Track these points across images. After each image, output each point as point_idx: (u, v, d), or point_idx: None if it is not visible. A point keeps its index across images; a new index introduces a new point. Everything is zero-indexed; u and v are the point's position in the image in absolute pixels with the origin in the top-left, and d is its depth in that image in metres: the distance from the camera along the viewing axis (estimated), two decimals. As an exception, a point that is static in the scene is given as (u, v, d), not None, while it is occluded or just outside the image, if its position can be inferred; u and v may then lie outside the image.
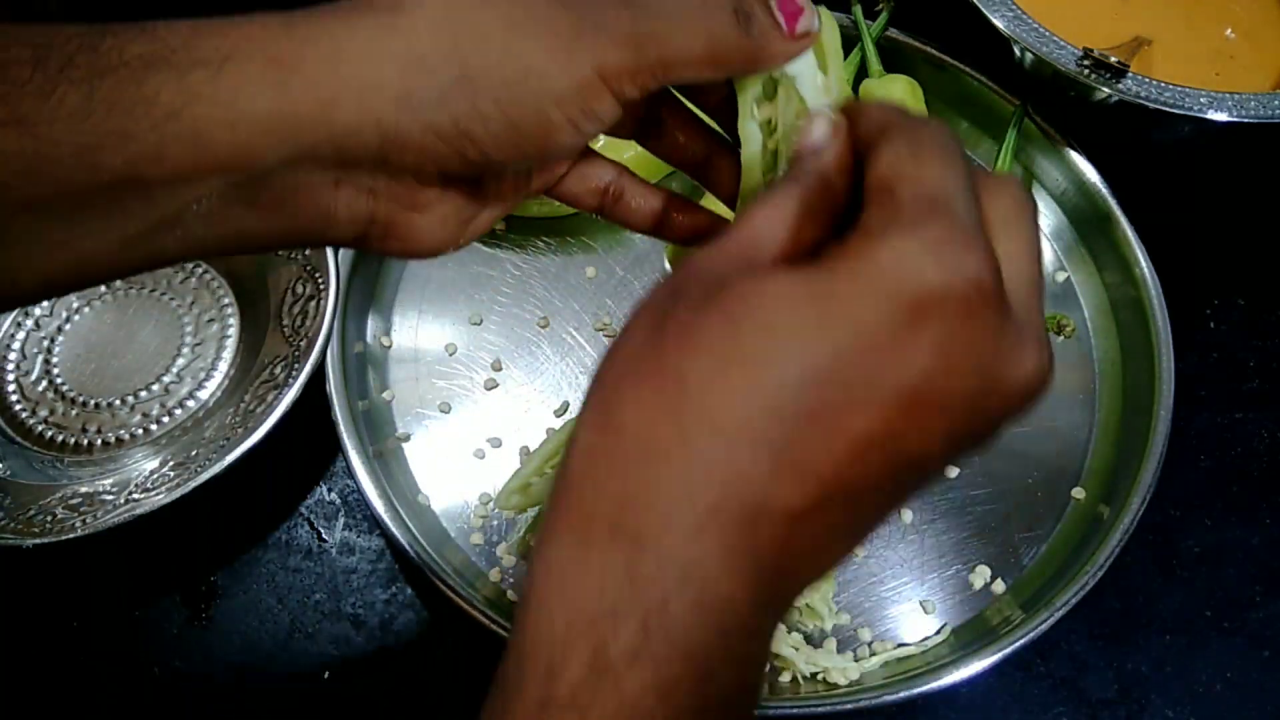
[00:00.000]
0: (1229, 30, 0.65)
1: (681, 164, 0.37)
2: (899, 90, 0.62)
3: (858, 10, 0.64)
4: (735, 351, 0.22)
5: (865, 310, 0.22)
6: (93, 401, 0.57)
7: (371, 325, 0.59)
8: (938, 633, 0.51)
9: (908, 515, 0.54)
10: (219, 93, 0.26)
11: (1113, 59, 0.56)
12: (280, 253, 0.58)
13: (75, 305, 0.59)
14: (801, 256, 0.25)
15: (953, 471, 0.55)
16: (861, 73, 0.64)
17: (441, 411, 0.57)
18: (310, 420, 0.52)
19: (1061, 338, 0.52)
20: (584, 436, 0.24)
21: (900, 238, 0.22)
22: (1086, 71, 0.57)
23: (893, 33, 0.65)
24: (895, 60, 0.65)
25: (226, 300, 0.60)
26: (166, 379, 0.57)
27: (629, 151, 0.41)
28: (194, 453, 0.53)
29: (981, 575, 0.52)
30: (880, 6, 0.65)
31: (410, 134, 0.27)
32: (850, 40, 0.64)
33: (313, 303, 0.55)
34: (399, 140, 0.28)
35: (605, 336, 0.59)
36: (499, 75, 0.27)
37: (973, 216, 0.23)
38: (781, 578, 0.24)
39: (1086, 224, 0.62)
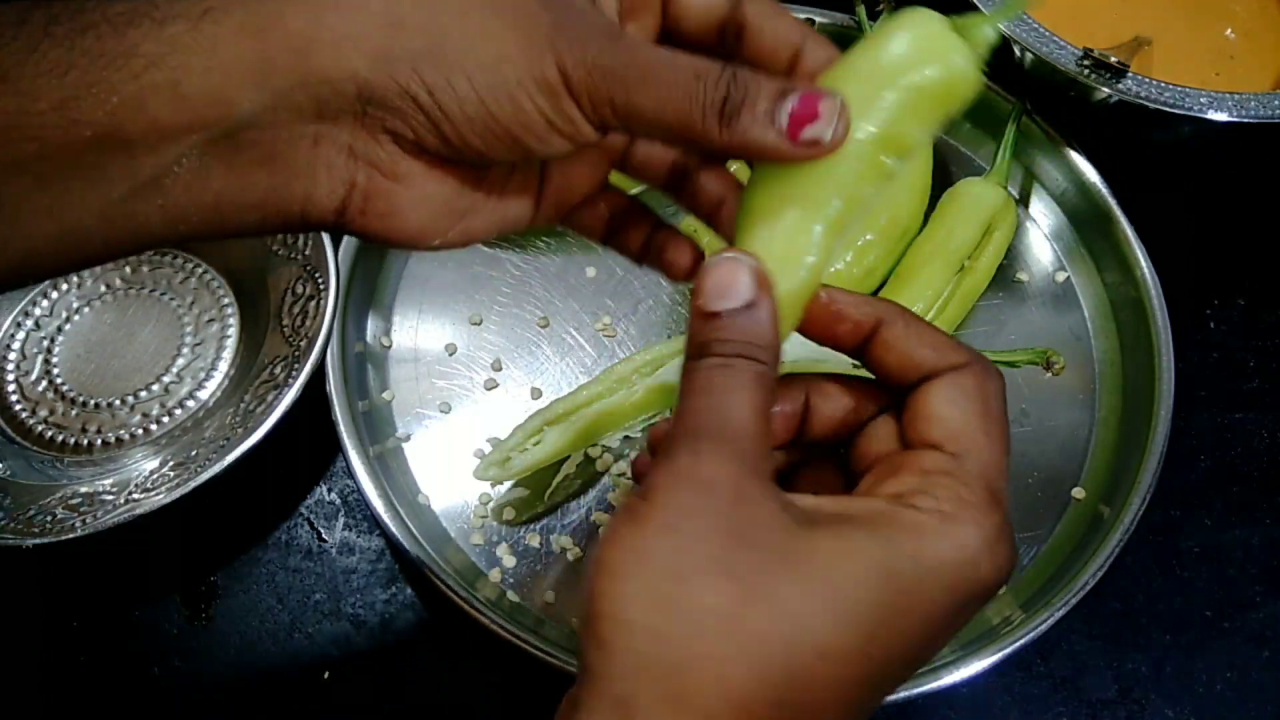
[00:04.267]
0: (1229, 30, 0.65)
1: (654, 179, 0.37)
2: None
3: (860, 10, 0.64)
4: (830, 604, 0.25)
5: (934, 604, 0.26)
6: (93, 401, 0.57)
7: (371, 325, 0.59)
8: (938, 633, 0.51)
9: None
10: (198, 42, 0.27)
11: (1113, 59, 0.56)
12: (280, 252, 0.58)
13: (75, 305, 0.59)
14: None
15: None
16: (862, 73, 0.64)
17: (441, 411, 0.57)
18: (310, 420, 0.52)
19: (1050, 374, 0.53)
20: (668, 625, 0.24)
21: (965, 534, 0.26)
22: (1086, 71, 0.57)
23: (893, 32, 0.65)
24: (895, 60, 0.64)
25: (226, 300, 0.60)
26: (166, 379, 0.57)
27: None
28: (194, 453, 0.53)
29: (981, 575, 0.52)
30: (881, 6, 0.64)
31: (387, 92, 0.28)
32: (852, 40, 0.64)
33: (313, 303, 0.55)
34: (375, 96, 0.28)
35: (605, 336, 0.59)
36: (473, 55, 0.28)
37: (1006, 496, 0.28)
38: None
39: (1086, 224, 0.62)
